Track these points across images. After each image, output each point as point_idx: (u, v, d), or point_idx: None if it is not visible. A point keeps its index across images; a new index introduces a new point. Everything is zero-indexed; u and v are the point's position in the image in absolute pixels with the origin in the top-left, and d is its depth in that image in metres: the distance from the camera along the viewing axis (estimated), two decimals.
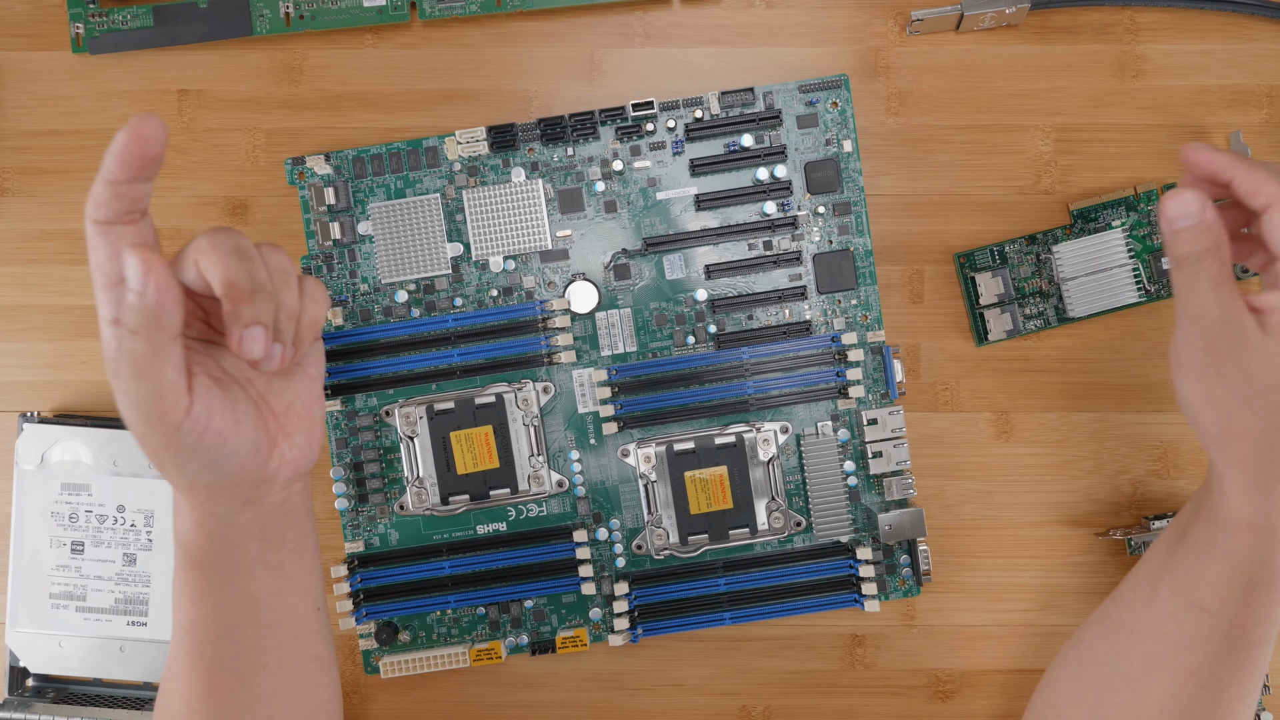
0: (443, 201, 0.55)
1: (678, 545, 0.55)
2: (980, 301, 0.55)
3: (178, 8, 0.55)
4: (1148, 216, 0.55)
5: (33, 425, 0.54)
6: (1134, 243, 0.54)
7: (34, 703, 0.54)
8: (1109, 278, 0.54)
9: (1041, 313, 0.55)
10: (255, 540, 0.42)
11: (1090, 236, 0.54)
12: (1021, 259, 0.55)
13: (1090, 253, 0.54)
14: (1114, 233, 0.54)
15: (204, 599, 0.42)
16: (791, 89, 0.55)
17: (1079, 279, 0.54)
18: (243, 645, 0.43)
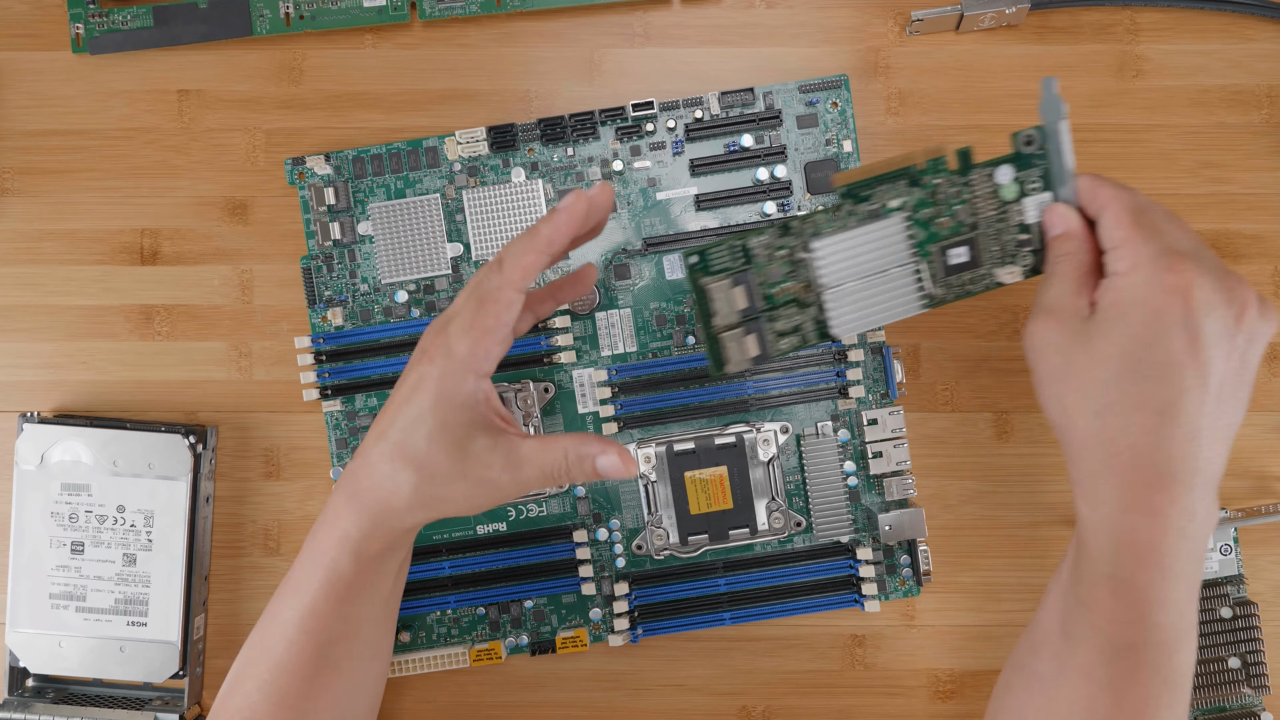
0: (443, 201, 0.55)
1: (678, 545, 0.55)
2: (715, 320, 0.44)
3: (178, 8, 0.55)
4: (934, 193, 0.44)
5: (33, 425, 0.54)
6: (917, 230, 0.44)
7: (34, 703, 0.54)
8: (884, 283, 0.44)
9: (798, 328, 0.44)
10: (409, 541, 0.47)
11: (860, 229, 0.43)
12: (771, 257, 0.44)
13: (860, 250, 0.43)
14: (891, 221, 0.43)
15: (350, 602, 0.45)
16: (791, 89, 0.55)
17: (846, 286, 0.43)
18: (356, 643, 0.46)
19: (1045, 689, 0.43)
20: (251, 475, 0.56)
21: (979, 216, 0.45)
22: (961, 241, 0.44)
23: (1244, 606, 0.54)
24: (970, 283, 0.45)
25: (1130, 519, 0.39)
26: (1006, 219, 0.45)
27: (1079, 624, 0.41)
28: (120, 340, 0.57)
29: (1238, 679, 0.54)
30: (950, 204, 0.44)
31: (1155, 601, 0.39)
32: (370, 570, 0.45)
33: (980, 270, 0.45)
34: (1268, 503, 0.55)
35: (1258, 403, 0.56)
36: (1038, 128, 0.44)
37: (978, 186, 0.44)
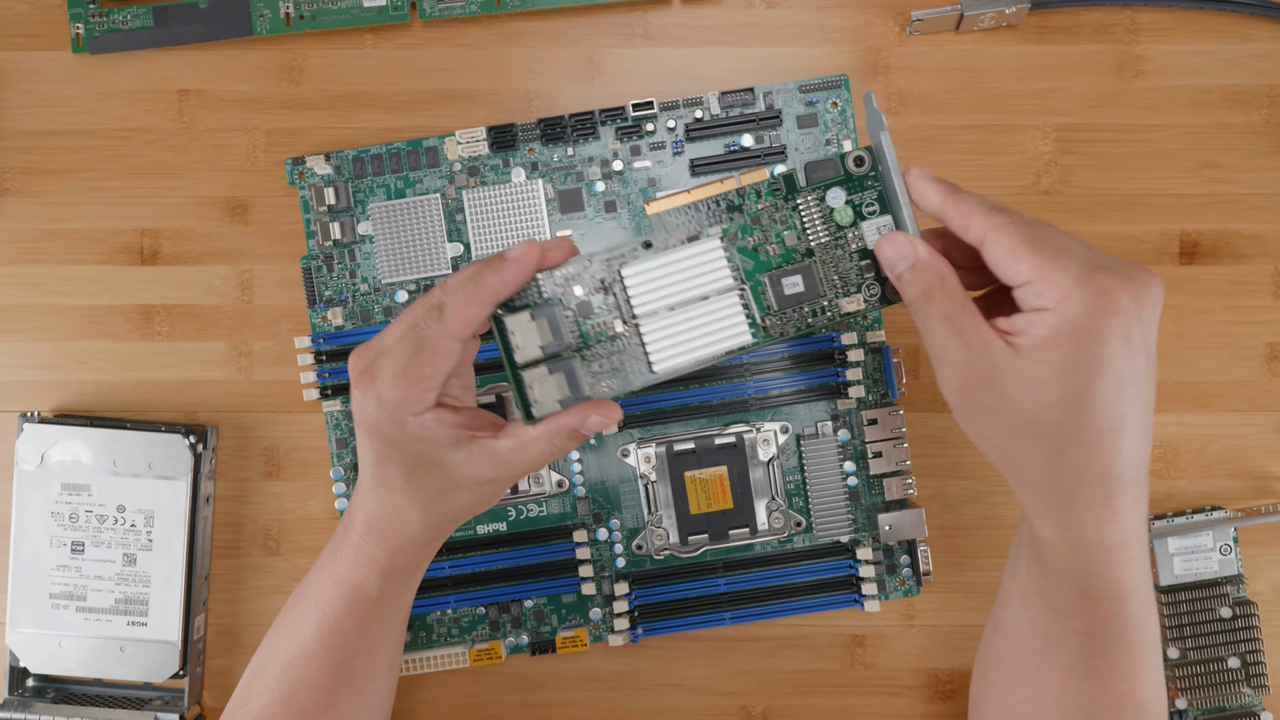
0: (443, 201, 0.55)
1: (678, 545, 0.55)
2: (517, 358, 0.39)
3: (178, 8, 0.55)
4: (758, 219, 0.41)
5: (33, 425, 0.54)
6: (743, 258, 0.41)
7: (34, 703, 0.54)
8: (709, 313, 0.40)
9: (618, 369, 0.40)
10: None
11: (675, 253, 0.40)
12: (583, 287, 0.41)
13: (677, 275, 0.39)
14: (709, 245, 0.40)
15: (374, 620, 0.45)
16: (791, 89, 0.55)
17: (662, 315, 0.39)
18: (375, 657, 0.46)
19: (1029, 683, 0.43)
20: (251, 475, 0.56)
21: (812, 243, 0.40)
22: (795, 270, 0.40)
23: (1244, 606, 0.54)
24: (810, 314, 0.41)
25: (1101, 532, 0.39)
26: (844, 245, 0.41)
27: (1056, 628, 0.42)
28: (120, 340, 0.57)
29: (1238, 679, 0.54)
30: (778, 229, 0.40)
31: (1129, 592, 0.40)
32: (395, 589, 0.45)
33: (821, 301, 0.41)
34: (1268, 503, 0.55)
35: (1257, 403, 0.56)
36: (867, 147, 0.41)
37: (808, 211, 0.41)
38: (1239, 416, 0.56)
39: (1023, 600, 0.43)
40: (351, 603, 0.44)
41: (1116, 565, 0.40)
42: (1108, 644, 0.41)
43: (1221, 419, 0.56)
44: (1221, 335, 0.56)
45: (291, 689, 0.45)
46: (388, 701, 0.50)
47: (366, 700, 0.47)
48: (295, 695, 0.45)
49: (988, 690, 0.47)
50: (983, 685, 0.47)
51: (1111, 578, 0.40)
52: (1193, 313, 0.56)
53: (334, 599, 0.44)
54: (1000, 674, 0.45)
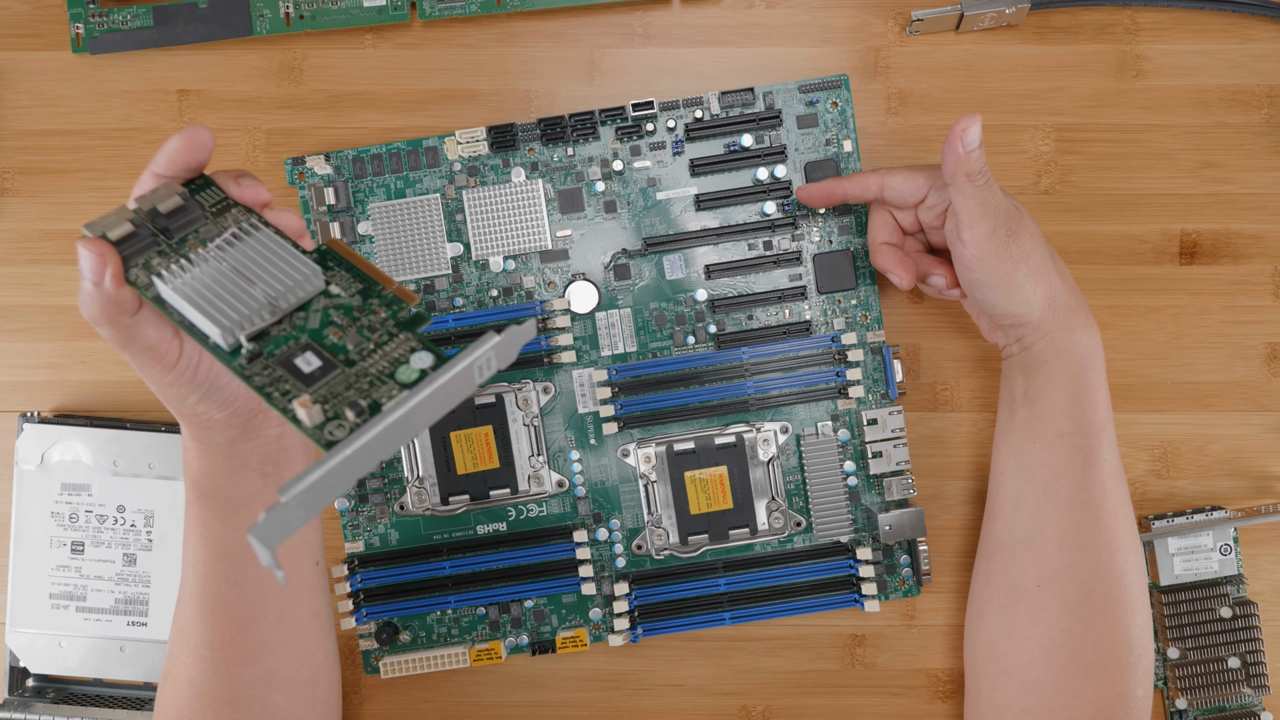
0: (443, 201, 0.55)
1: (678, 545, 0.55)
2: (134, 194, 0.40)
3: (178, 8, 0.55)
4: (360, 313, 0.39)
5: (33, 425, 0.54)
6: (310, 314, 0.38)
7: (34, 703, 0.54)
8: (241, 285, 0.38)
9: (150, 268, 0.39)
10: (255, 473, 0.44)
11: (280, 240, 0.40)
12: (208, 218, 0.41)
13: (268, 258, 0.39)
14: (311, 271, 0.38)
15: (209, 532, 0.45)
16: (791, 89, 0.55)
17: (211, 265, 0.39)
18: (244, 588, 0.45)
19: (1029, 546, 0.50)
20: None
21: (362, 361, 0.37)
22: (321, 357, 0.37)
23: (1244, 606, 0.54)
24: (283, 390, 0.37)
25: (1089, 333, 0.49)
26: (379, 386, 0.37)
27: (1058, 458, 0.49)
28: None
29: (1238, 679, 0.54)
30: (357, 331, 0.38)
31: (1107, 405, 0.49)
32: (211, 499, 0.44)
33: (300, 386, 0.37)
34: (1268, 503, 0.55)
35: (1257, 403, 0.56)
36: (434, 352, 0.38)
37: (393, 346, 0.38)
38: (1239, 416, 0.56)
39: (1020, 462, 0.50)
40: (189, 518, 0.45)
41: (1096, 359, 0.49)
42: (1096, 464, 0.48)
43: (1221, 419, 0.56)
44: (1221, 335, 0.56)
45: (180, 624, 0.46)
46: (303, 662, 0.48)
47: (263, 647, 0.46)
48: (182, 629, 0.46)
49: (990, 580, 0.51)
50: (982, 580, 0.52)
51: (1097, 372, 0.49)
52: (1193, 313, 0.56)
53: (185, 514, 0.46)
54: (1005, 554, 0.50)
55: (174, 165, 0.40)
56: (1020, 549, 0.50)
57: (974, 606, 0.52)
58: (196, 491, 0.44)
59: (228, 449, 0.44)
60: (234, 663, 0.45)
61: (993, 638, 0.50)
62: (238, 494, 0.44)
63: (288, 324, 0.38)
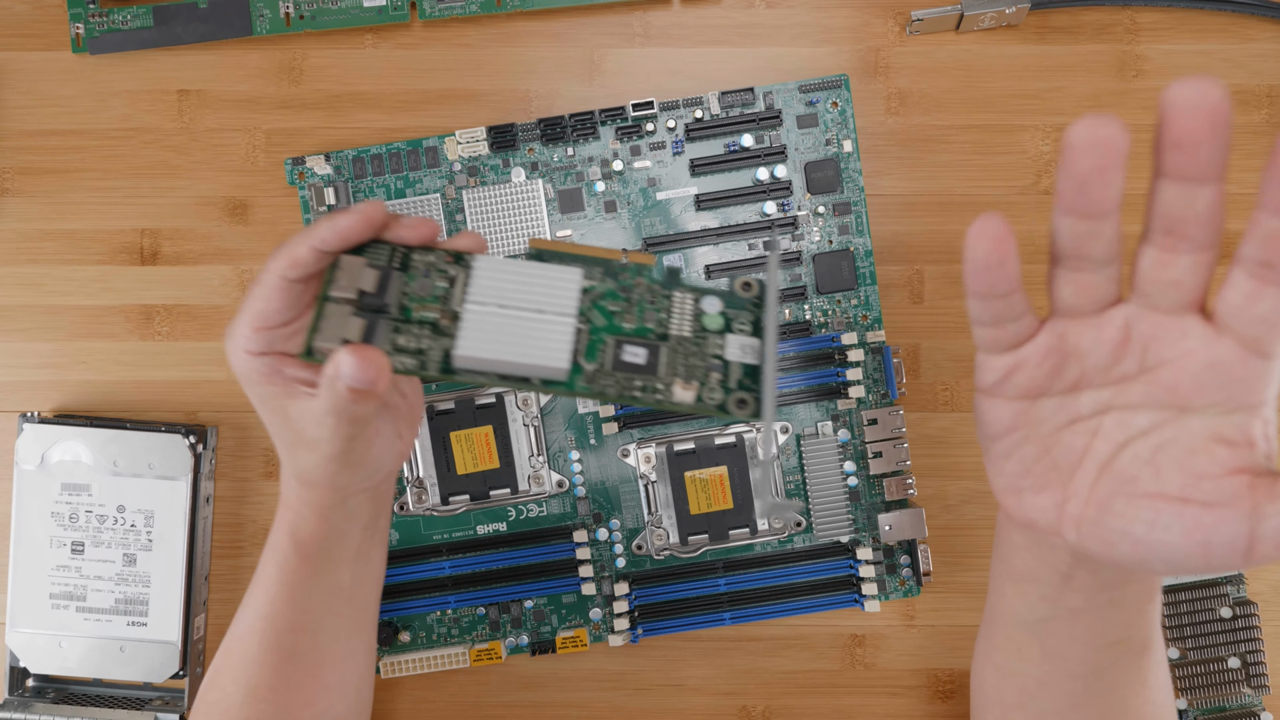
0: (443, 201, 0.55)
1: (678, 545, 0.55)
2: (330, 291, 0.38)
3: (178, 8, 0.55)
4: (629, 290, 0.40)
5: (33, 425, 0.54)
6: (596, 313, 0.39)
7: (34, 703, 0.54)
8: (535, 324, 0.38)
9: (422, 351, 0.37)
10: (361, 529, 0.45)
11: (534, 263, 0.39)
12: (430, 272, 0.39)
13: (524, 282, 0.39)
14: (570, 274, 0.39)
15: (300, 589, 0.44)
16: (791, 89, 0.55)
17: (490, 309, 0.38)
18: (320, 636, 0.45)
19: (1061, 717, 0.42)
20: (251, 475, 0.56)
21: (673, 332, 0.40)
22: (643, 344, 0.39)
23: (1244, 606, 0.54)
24: (640, 389, 0.39)
25: None
26: (703, 346, 0.39)
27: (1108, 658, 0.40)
28: (120, 340, 0.57)
29: (1238, 679, 0.54)
30: (642, 307, 0.40)
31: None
32: (313, 557, 0.44)
33: (655, 381, 0.39)
34: None
35: None
36: (760, 280, 0.41)
37: (679, 305, 0.40)
38: None
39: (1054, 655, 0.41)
40: (277, 570, 0.44)
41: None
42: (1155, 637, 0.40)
43: None
44: None
45: (245, 667, 0.45)
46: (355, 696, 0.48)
47: (323, 687, 0.46)
48: (248, 672, 0.45)
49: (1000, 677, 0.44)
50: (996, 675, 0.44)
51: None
52: None
53: (267, 569, 0.45)
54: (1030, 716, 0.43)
55: (343, 241, 0.38)
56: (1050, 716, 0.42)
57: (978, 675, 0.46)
58: (300, 550, 0.44)
59: (353, 512, 0.44)
60: (295, 705, 0.45)
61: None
62: (340, 552, 0.45)
63: (585, 323, 0.39)
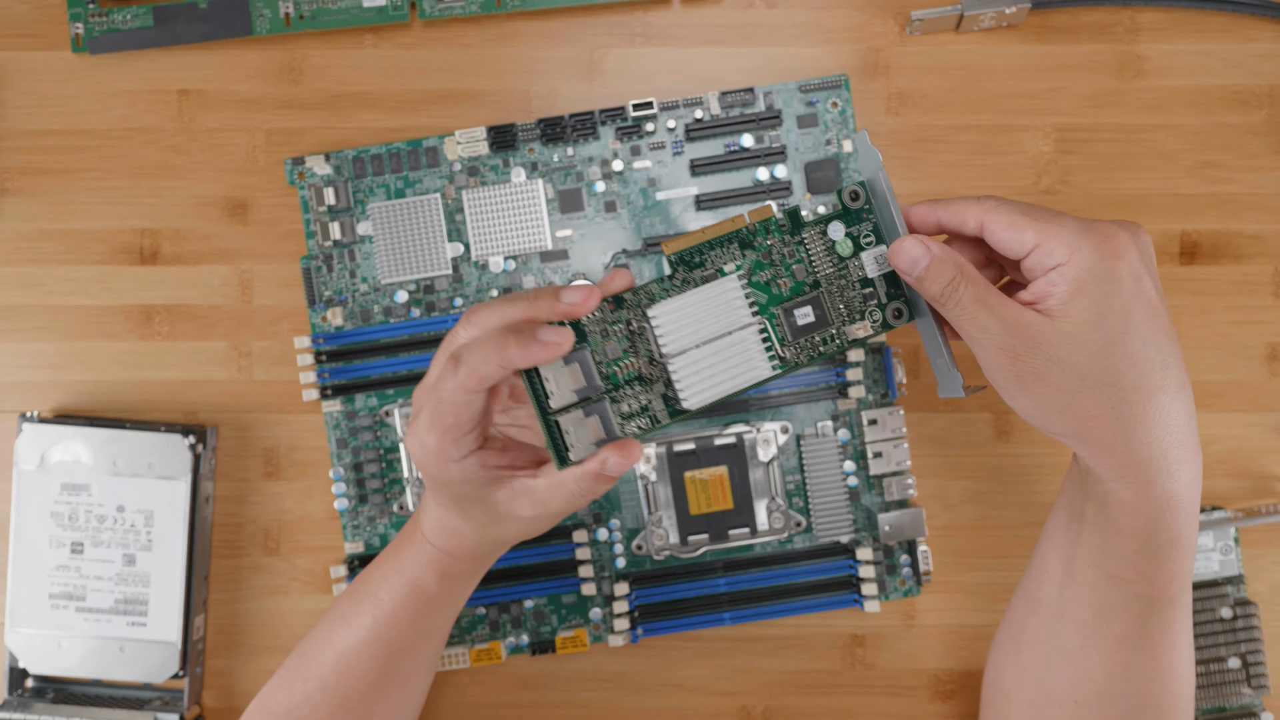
0: (443, 201, 0.55)
1: (678, 545, 0.55)
2: (552, 405, 0.39)
3: (178, 8, 0.55)
4: (769, 254, 0.42)
5: (33, 425, 0.54)
6: (757, 292, 0.42)
7: (34, 703, 0.54)
8: (731, 348, 0.41)
9: (646, 407, 0.40)
10: (494, 558, 0.48)
11: (696, 292, 0.41)
12: (606, 332, 0.40)
13: (699, 314, 0.41)
14: (728, 281, 0.41)
15: (426, 619, 0.46)
16: (791, 89, 0.55)
17: (690, 354, 0.41)
18: (421, 657, 0.47)
19: (1072, 661, 0.44)
20: (251, 475, 0.56)
21: (819, 274, 0.42)
22: (805, 301, 0.42)
23: (1244, 606, 0.54)
24: (821, 343, 0.42)
25: (1173, 485, 0.40)
26: (847, 275, 0.42)
27: (1113, 597, 0.42)
28: (120, 340, 0.57)
29: (1238, 679, 0.54)
30: (787, 264, 0.42)
31: (1189, 549, 0.41)
32: (451, 588, 0.46)
33: (830, 329, 0.42)
34: (1268, 503, 0.55)
35: (1257, 403, 0.56)
36: (860, 182, 0.43)
37: (813, 245, 0.42)
38: (1239, 416, 0.56)
39: (1070, 574, 0.44)
40: (410, 595, 0.46)
41: (1184, 519, 0.40)
42: (1165, 607, 0.42)
43: (1221, 419, 0.56)
44: (1221, 335, 0.56)
45: (339, 677, 0.46)
46: (420, 704, 0.50)
47: (407, 697, 0.48)
48: (341, 683, 0.46)
49: (1020, 673, 0.46)
50: (1014, 670, 0.47)
51: (1180, 533, 0.41)
52: (1193, 313, 0.56)
53: (394, 591, 0.46)
54: (1039, 656, 0.45)
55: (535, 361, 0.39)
56: (1059, 658, 0.44)
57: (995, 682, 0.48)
58: (444, 585, 0.46)
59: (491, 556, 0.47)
60: (379, 715, 0.47)
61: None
62: (468, 588, 0.48)
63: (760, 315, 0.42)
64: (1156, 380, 0.39)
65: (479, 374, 0.39)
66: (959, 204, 0.41)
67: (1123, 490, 0.41)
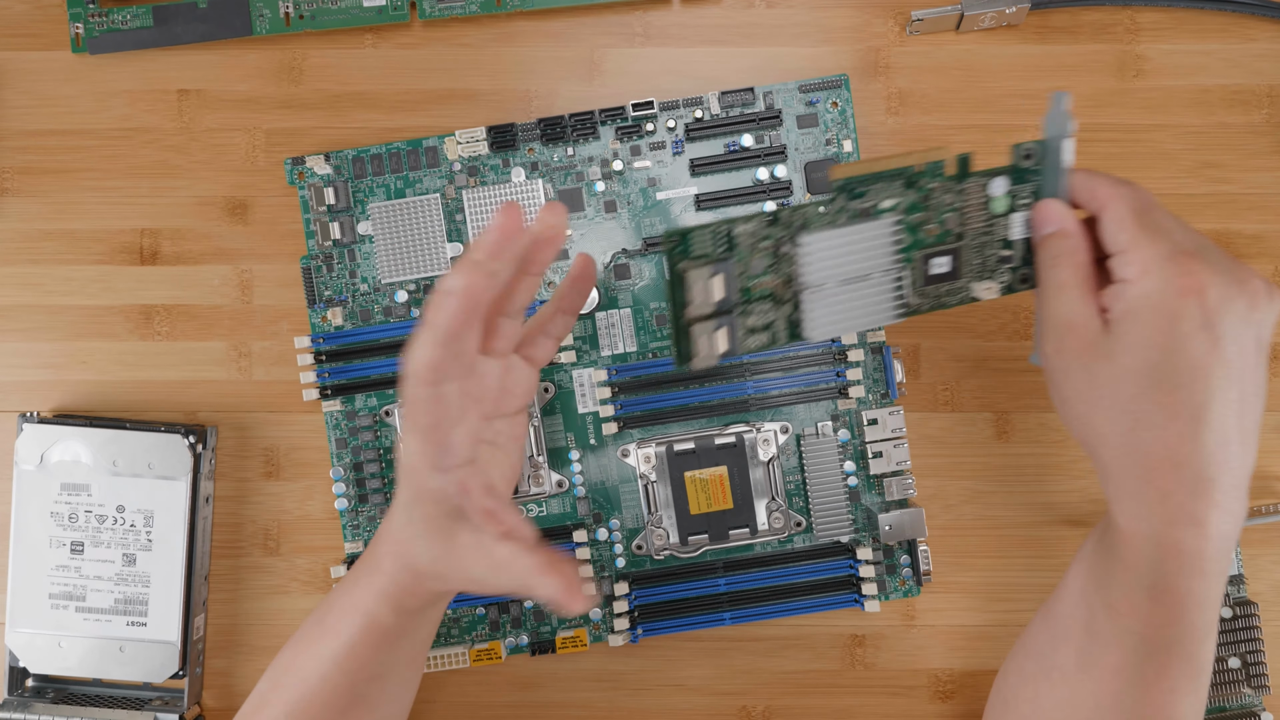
0: (443, 201, 0.55)
1: (678, 545, 0.55)
2: (688, 311, 0.40)
3: (178, 8, 0.55)
4: (928, 197, 0.42)
5: (33, 425, 0.54)
6: (905, 235, 0.42)
7: (34, 703, 0.54)
8: (864, 288, 0.42)
9: (769, 326, 0.41)
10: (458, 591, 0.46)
11: (849, 228, 0.41)
12: (755, 248, 0.41)
13: (846, 251, 0.41)
14: (881, 223, 0.42)
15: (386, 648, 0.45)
16: (791, 89, 0.55)
17: (826, 287, 0.42)
18: (389, 682, 0.46)
19: (1067, 682, 0.43)
20: (251, 475, 0.56)
21: (966, 227, 0.43)
22: (945, 251, 0.43)
23: (1244, 606, 0.54)
24: (946, 294, 0.43)
25: (1175, 531, 0.39)
26: (992, 233, 0.43)
27: (1108, 626, 0.41)
28: (120, 340, 0.57)
29: (1238, 679, 0.54)
30: (941, 211, 0.42)
31: (1194, 604, 0.39)
32: (410, 623, 0.45)
33: (958, 283, 0.43)
34: (1268, 503, 0.55)
35: None
36: (1039, 142, 0.43)
37: (970, 196, 0.43)
38: None
39: (1080, 595, 0.43)
40: (365, 632, 0.44)
41: (1187, 572, 0.39)
42: (1160, 651, 0.40)
43: None
44: None
45: (305, 706, 0.45)
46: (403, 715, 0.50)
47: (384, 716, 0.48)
48: (309, 712, 0.45)
49: (1024, 685, 0.46)
50: (1017, 679, 0.46)
51: (1179, 583, 0.39)
52: None
53: (350, 626, 0.44)
54: (1040, 670, 0.45)
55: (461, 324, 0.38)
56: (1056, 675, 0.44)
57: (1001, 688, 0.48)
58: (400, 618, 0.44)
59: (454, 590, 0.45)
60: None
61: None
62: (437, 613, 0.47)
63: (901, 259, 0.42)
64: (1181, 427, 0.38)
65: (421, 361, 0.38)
66: (1099, 179, 0.42)
67: (1119, 515, 0.40)
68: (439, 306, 0.38)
